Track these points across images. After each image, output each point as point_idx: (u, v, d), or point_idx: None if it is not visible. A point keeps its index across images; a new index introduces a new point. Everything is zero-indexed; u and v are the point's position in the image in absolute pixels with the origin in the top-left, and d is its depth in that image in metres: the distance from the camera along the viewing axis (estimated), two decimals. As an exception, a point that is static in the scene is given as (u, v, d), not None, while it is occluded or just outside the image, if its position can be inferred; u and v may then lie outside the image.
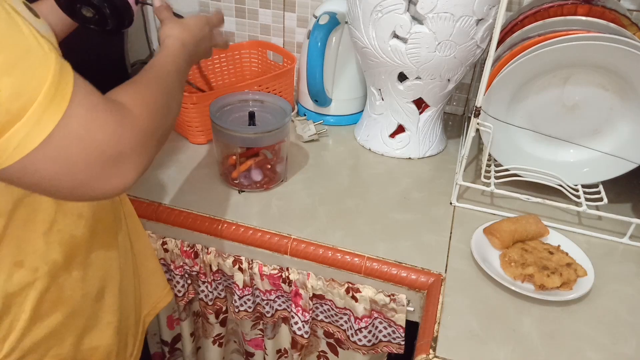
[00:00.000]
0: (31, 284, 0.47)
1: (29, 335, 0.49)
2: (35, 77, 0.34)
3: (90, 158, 0.37)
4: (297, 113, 1.06)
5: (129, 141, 0.40)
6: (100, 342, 0.57)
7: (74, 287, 0.52)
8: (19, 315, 0.47)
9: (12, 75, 0.33)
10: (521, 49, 0.71)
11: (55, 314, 0.50)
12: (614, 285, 0.65)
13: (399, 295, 0.67)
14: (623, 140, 0.75)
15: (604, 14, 0.77)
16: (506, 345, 0.57)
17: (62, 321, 0.51)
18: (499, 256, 0.68)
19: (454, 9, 0.72)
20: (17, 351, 0.48)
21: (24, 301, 0.47)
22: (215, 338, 0.88)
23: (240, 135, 0.75)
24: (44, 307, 0.49)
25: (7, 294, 0.46)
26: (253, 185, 0.80)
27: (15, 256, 0.46)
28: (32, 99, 0.34)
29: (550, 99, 0.75)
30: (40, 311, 0.49)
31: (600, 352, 0.56)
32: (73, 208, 0.49)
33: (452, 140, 0.99)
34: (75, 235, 0.50)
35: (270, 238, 0.72)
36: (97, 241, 0.54)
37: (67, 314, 0.52)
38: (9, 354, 0.48)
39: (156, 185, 0.80)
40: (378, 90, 0.89)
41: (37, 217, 0.46)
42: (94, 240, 0.53)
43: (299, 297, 0.72)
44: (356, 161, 0.91)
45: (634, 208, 0.81)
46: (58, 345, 0.52)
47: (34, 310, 0.48)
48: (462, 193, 0.82)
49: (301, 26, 1.11)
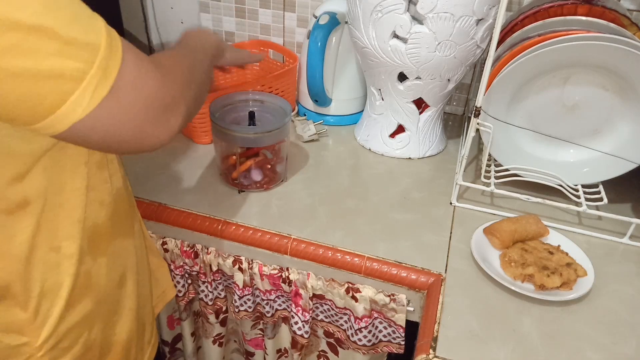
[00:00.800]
0: (66, 270, 0.49)
1: (64, 321, 0.50)
2: (96, 29, 0.36)
3: (146, 104, 0.40)
4: (297, 113, 1.06)
5: (172, 93, 0.43)
6: (123, 328, 0.59)
7: (99, 274, 0.53)
8: (56, 301, 0.49)
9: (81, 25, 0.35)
10: (521, 49, 0.71)
11: (84, 301, 0.52)
12: (614, 285, 0.65)
13: (399, 295, 0.67)
14: (623, 140, 0.75)
15: (604, 14, 0.77)
16: (506, 345, 0.57)
17: (90, 308, 0.53)
18: (499, 256, 0.68)
19: (454, 9, 0.72)
20: (53, 337, 0.50)
21: (60, 287, 0.49)
22: (216, 338, 0.88)
23: (240, 135, 0.75)
24: (75, 293, 0.50)
25: (45, 280, 0.47)
26: (253, 185, 0.80)
27: (51, 242, 0.47)
28: (97, 49, 0.36)
29: (550, 99, 0.75)
30: (73, 297, 0.50)
31: (600, 352, 0.56)
32: (96, 195, 0.51)
33: (452, 140, 0.99)
34: (98, 224, 0.52)
35: (270, 238, 0.72)
36: (117, 229, 0.55)
37: (94, 300, 0.53)
38: (47, 340, 0.49)
39: (156, 185, 0.80)
40: (378, 90, 0.89)
41: (69, 204, 0.47)
42: (114, 228, 0.55)
43: (299, 297, 0.72)
44: (356, 161, 0.91)
45: (634, 208, 0.81)
46: (88, 331, 0.53)
47: (68, 296, 0.49)
48: (462, 193, 0.82)
49: (301, 26, 1.11)
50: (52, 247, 0.47)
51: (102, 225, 0.52)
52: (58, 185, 0.46)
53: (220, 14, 1.16)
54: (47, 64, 0.34)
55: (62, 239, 0.48)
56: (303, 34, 1.08)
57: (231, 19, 1.15)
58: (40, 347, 0.49)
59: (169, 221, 0.75)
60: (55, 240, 0.47)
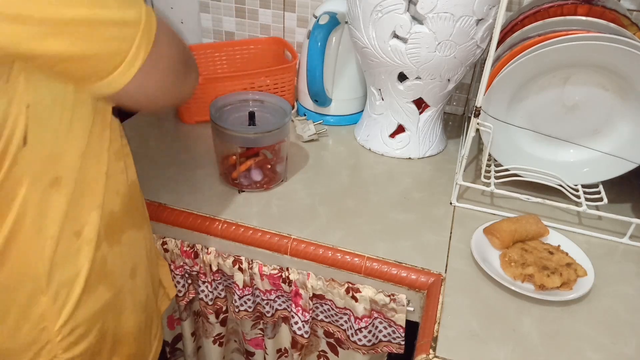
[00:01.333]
0: (85, 255, 0.50)
1: (80, 308, 0.51)
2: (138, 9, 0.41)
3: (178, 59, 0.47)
4: (297, 113, 1.06)
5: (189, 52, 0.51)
6: (134, 319, 0.60)
7: (114, 262, 0.54)
8: (74, 287, 0.50)
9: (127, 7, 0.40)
10: (521, 49, 0.71)
11: (100, 289, 0.53)
12: (614, 285, 0.65)
13: (399, 295, 0.67)
14: (623, 140, 0.75)
15: (604, 14, 0.77)
16: (506, 345, 0.57)
17: (105, 296, 0.54)
18: (499, 256, 0.68)
19: (454, 9, 0.72)
20: (70, 323, 0.51)
21: (79, 272, 0.50)
22: (216, 338, 0.88)
23: (240, 135, 0.75)
24: (92, 279, 0.52)
25: (66, 264, 0.49)
26: (253, 185, 0.80)
27: (74, 226, 0.48)
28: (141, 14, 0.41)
29: (550, 99, 0.75)
30: (90, 284, 0.51)
31: (600, 352, 0.56)
32: (113, 184, 0.52)
33: (452, 140, 0.99)
34: (114, 211, 0.53)
35: (270, 238, 0.72)
36: (129, 219, 0.57)
37: (109, 289, 0.54)
38: (64, 325, 0.50)
39: (156, 185, 0.80)
40: (378, 90, 0.89)
41: (91, 188, 0.49)
42: (128, 218, 0.56)
43: (299, 297, 0.72)
44: (356, 161, 0.91)
45: (634, 208, 0.81)
46: (102, 320, 0.54)
47: (85, 282, 0.51)
48: (462, 193, 0.82)
49: (301, 26, 1.11)
50: (75, 232, 0.49)
51: (117, 214, 0.54)
52: (85, 169, 0.48)
53: (220, 14, 1.16)
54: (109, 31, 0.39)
55: (83, 223, 0.49)
56: (303, 34, 1.08)
57: (231, 19, 1.15)
58: (58, 332, 0.50)
59: (169, 221, 0.75)
60: (77, 224, 0.49)
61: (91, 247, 0.50)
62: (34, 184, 0.43)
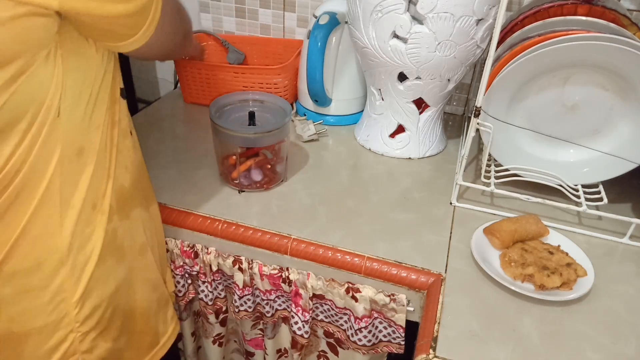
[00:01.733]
0: (101, 226, 0.52)
1: (94, 279, 0.53)
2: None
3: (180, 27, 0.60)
4: (297, 113, 1.06)
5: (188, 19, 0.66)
6: (142, 297, 0.61)
7: (124, 235, 0.56)
8: (91, 257, 0.52)
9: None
10: (521, 49, 0.71)
11: (110, 260, 0.55)
12: (614, 285, 0.65)
13: (399, 295, 0.67)
14: (623, 140, 0.75)
15: (604, 14, 0.77)
16: (506, 345, 0.57)
17: (115, 269, 0.56)
18: (499, 256, 0.68)
19: (454, 9, 0.72)
20: (86, 294, 0.52)
21: (95, 244, 0.52)
22: (216, 338, 0.88)
23: (240, 135, 0.75)
24: (104, 251, 0.53)
25: (85, 235, 0.51)
26: (253, 185, 0.80)
27: (92, 198, 0.51)
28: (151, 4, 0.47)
29: (550, 99, 0.75)
30: (103, 255, 0.53)
31: (600, 352, 0.56)
32: (122, 159, 0.55)
33: (452, 140, 0.99)
34: (123, 185, 0.55)
35: (270, 238, 0.72)
36: (138, 195, 0.59)
37: (118, 261, 0.56)
38: (82, 296, 0.52)
39: (156, 185, 0.80)
40: (378, 90, 0.89)
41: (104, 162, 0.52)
42: (136, 193, 0.59)
43: (299, 297, 0.72)
44: (356, 161, 0.91)
45: (634, 208, 0.81)
46: (113, 294, 0.56)
47: (100, 253, 0.53)
48: (462, 193, 0.82)
49: (301, 26, 1.11)
50: (93, 203, 0.51)
51: (127, 189, 0.56)
52: (102, 142, 0.51)
53: (220, 14, 1.16)
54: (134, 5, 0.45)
55: (99, 195, 0.52)
56: (303, 34, 1.08)
57: (231, 19, 1.15)
58: (76, 304, 0.52)
59: (169, 221, 0.75)
60: (95, 195, 0.51)
61: (104, 218, 0.52)
62: (64, 152, 0.47)
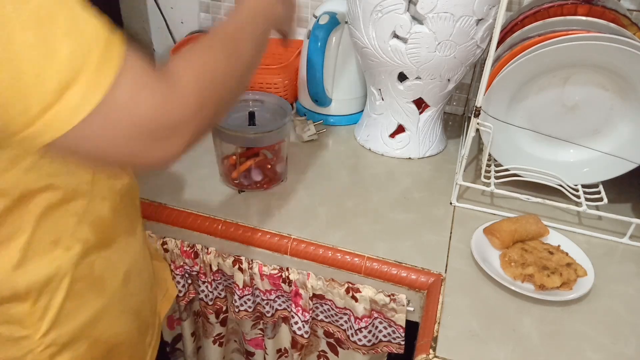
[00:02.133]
0: (66, 263, 0.49)
1: (64, 315, 0.50)
2: (88, 43, 0.34)
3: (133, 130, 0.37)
4: (297, 113, 1.06)
5: (175, 114, 0.39)
6: (124, 327, 0.58)
7: (103, 268, 0.53)
8: (57, 293, 0.49)
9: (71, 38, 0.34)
10: (521, 49, 0.71)
11: (88, 295, 0.52)
12: (614, 285, 0.65)
13: (399, 295, 0.67)
14: (623, 140, 0.75)
15: (604, 14, 0.77)
16: (506, 345, 0.57)
17: (94, 303, 0.53)
18: (499, 256, 0.68)
19: (454, 9, 0.72)
20: (53, 331, 0.49)
21: (62, 279, 0.49)
22: (216, 338, 0.88)
23: (240, 135, 0.75)
24: (77, 286, 0.50)
25: (45, 272, 0.47)
26: (253, 185, 0.80)
27: (52, 235, 0.47)
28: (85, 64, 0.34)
29: (550, 99, 0.75)
30: (74, 290, 0.50)
31: (600, 352, 0.56)
32: (100, 191, 0.51)
33: (452, 140, 0.99)
34: (102, 217, 0.52)
35: (270, 238, 0.72)
36: (121, 225, 0.55)
37: (98, 296, 0.53)
38: (47, 333, 0.49)
39: (156, 185, 0.80)
40: (378, 90, 0.89)
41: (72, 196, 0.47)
42: (118, 223, 0.54)
43: (299, 297, 0.72)
44: (356, 161, 0.91)
45: (634, 208, 0.81)
46: (90, 327, 0.53)
47: (68, 289, 0.49)
48: (462, 193, 0.82)
49: (301, 26, 1.11)
50: (52, 241, 0.47)
51: (106, 219, 0.52)
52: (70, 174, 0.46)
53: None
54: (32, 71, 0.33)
55: (62, 232, 0.48)
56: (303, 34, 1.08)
57: (231, 19, 1.15)
58: (40, 341, 0.49)
59: (169, 221, 0.75)
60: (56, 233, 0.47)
61: (73, 252, 0.49)
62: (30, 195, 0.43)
